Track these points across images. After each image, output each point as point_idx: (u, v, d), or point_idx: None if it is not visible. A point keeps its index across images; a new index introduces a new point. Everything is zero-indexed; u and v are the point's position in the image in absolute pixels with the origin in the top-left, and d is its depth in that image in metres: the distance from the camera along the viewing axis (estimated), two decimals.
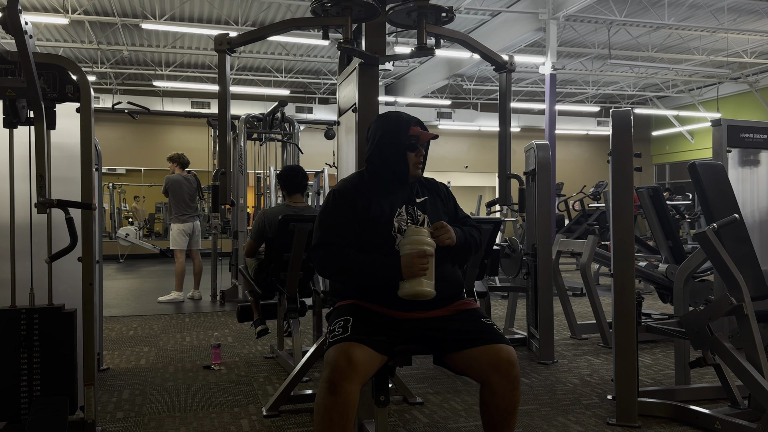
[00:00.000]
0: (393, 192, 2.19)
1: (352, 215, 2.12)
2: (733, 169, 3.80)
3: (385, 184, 2.20)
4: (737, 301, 2.69)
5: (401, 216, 2.14)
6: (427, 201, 2.22)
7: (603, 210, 9.14)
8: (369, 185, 2.21)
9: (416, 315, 2.06)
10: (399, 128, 2.18)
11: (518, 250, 4.42)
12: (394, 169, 2.19)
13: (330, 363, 1.85)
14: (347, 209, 2.13)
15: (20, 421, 2.48)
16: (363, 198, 2.16)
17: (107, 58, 13.55)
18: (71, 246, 2.49)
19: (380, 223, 2.11)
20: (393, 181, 2.20)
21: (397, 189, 2.20)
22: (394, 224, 2.11)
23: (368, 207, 2.14)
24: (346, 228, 2.11)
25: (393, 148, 2.17)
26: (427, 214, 2.17)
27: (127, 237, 12.22)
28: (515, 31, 11.21)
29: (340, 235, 2.10)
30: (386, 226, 2.11)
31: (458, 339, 2.00)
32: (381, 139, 2.19)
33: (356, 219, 2.12)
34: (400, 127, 2.18)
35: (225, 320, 5.67)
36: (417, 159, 2.19)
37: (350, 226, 2.11)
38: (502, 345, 1.95)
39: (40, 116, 2.54)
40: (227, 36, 2.48)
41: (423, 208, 2.19)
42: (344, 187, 2.21)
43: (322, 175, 10.47)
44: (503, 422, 1.95)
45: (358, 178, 2.27)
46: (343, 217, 2.12)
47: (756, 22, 11.67)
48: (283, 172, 4.08)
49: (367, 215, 2.12)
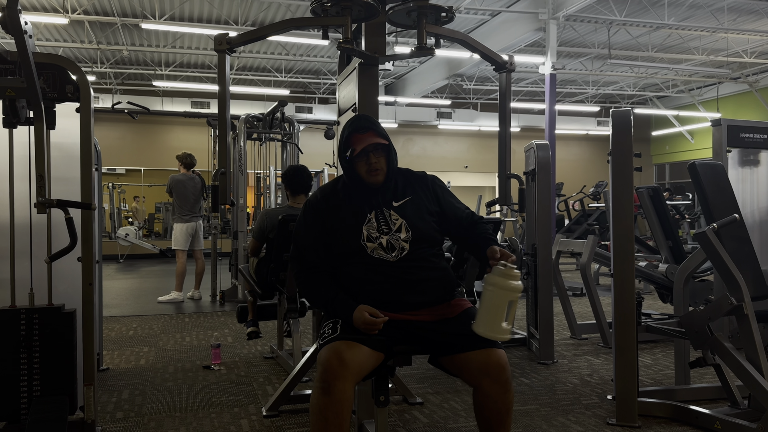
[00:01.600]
0: (363, 198, 2.13)
1: (321, 229, 2.12)
2: (733, 169, 3.80)
3: (354, 191, 2.15)
4: (737, 301, 2.69)
5: (371, 223, 2.09)
6: (408, 202, 2.14)
7: (603, 210, 9.14)
8: (342, 193, 2.17)
9: (407, 316, 2.04)
10: (343, 136, 2.14)
11: (518, 250, 4.42)
12: (351, 178, 2.14)
13: (322, 363, 1.86)
14: (317, 224, 2.14)
15: (20, 421, 2.48)
16: (332, 209, 2.14)
17: (107, 58, 13.55)
18: (71, 246, 2.49)
19: (348, 233, 2.08)
20: (358, 188, 2.15)
21: (367, 194, 2.14)
22: (363, 233, 2.07)
23: (336, 217, 2.12)
24: (316, 245, 2.12)
25: (342, 158, 2.14)
26: (407, 216, 2.11)
27: (127, 237, 12.22)
28: (515, 31, 11.21)
29: (312, 250, 2.12)
30: (354, 236, 2.07)
31: (449, 342, 1.99)
32: (338, 147, 2.19)
33: (325, 232, 2.11)
34: (344, 135, 2.13)
35: (225, 320, 5.67)
36: (368, 166, 2.09)
37: (320, 242, 2.12)
38: (491, 349, 1.94)
39: (39, 116, 2.54)
40: (227, 36, 2.48)
41: (402, 210, 2.12)
42: (315, 199, 2.20)
43: (322, 175, 10.46)
44: (498, 424, 1.94)
45: (331, 187, 2.23)
46: (313, 234, 2.13)
47: (756, 22, 11.67)
48: (288, 172, 4.05)
49: (333, 226, 2.11)
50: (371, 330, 1.94)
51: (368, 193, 2.14)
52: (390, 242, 2.07)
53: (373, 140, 2.08)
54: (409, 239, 2.08)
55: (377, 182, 2.12)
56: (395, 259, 2.06)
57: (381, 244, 2.06)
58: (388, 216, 2.11)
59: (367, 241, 2.06)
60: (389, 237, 2.07)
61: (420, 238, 2.10)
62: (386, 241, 2.07)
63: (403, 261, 2.06)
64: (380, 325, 1.94)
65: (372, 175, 2.10)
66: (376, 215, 2.11)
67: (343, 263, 2.10)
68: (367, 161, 2.09)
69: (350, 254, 2.08)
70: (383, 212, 2.11)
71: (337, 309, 2.02)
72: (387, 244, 2.06)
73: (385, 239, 2.07)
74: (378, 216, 2.10)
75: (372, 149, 2.09)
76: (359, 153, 2.08)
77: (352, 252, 2.07)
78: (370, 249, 2.06)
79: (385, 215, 2.11)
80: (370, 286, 2.05)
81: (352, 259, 2.08)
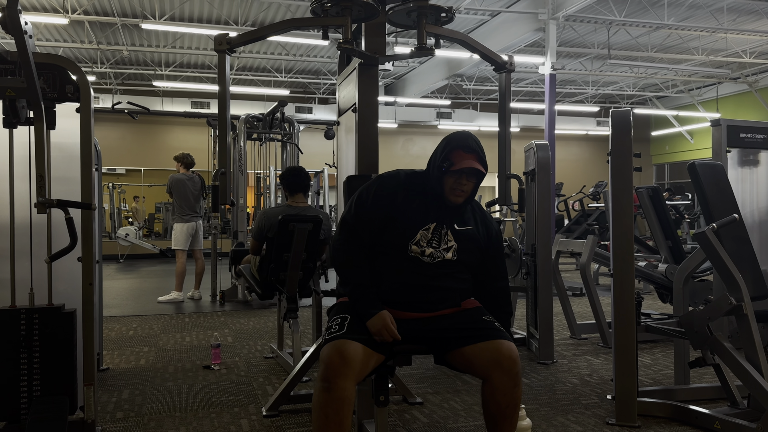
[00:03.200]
0: (435, 206, 2.14)
1: (387, 204, 2.10)
2: (733, 169, 3.80)
3: (431, 196, 2.15)
4: (737, 301, 2.69)
5: (427, 231, 2.10)
6: (468, 231, 2.15)
7: (602, 210, 9.13)
8: (420, 186, 2.17)
9: (418, 315, 2.06)
10: (444, 147, 2.12)
11: (518, 250, 4.42)
12: (433, 187, 2.13)
13: (324, 360, 1.87)
14: (386, 203, 2.11)
15: (20, 421, 2.48)
16: (405, 196, 2.13)
17: (107, 58, 13.55)
18: (71, 246, 2.49)
19: (405, 226, 2.09)
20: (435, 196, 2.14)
21: (439, 205, 2.14)
22: (417, 235, 2.08)
23: (405, 206, 2.11)
24: (374, 221, 2.09)
25: (433, 167, 2.14)
26: (460, 242, 2.12)
27: (127, 237, 12.22)
28: (515, 31, 11.21)
29: (367, 225, 2.09)
30: (409, 232, 2.08)
31: (459, 336, 2.01)
32: (432, 153, 2.17)
33: (387, 213, 2.10)
34: (446, 147, 2.11)
35: (225, 320, 5.67)
36: (455, 185, 2.09)
37: (379, 222, 2.09)
38: (503, 341, 1.96)
39: (39, 116, 2.54)
40: (227, 36, 2.48)
41: (459, 236, 2.13)
42: (396, 175, 2.18)
43: (322, 175, 10.45)
44: (505, 418, 1.96)
45: (413, 176, 2.21)
46: (379, 211, 2.10)
47: (756, 22, 11.68)
48: (285, 172, 4.10)
49: (397, 213, 2.10)
50: (383, 338, 1.95)
51: (440, 205, 2.14)
52: (433, 255, 2.08)
53: (473, 164, 2.07)
54: (451, 261, 2.10)
55: (455, 203, 2.13)
56: (429, 262, 2.07)
57: (424, 252, 2.07)
58: (445, 234, 2.12)
59: (415, 244, 2.07)
60: (435, 251, 2.08)
61: (460, 262, 2.13)
62: (430, 253, 2.08)
63: (436, 267, 2.08)
64: (391, 338, 1.96)
65: (454, 195, 2.11)
66: (436, 228, 2.11)
67: (381, 251, 2.10)
68: (457, 180, 2.09)
69: (393, 246, 2.08)
70: (443, 228, 2.12)
71: (361, 300, 2.02)
72: (429, 255, 2.08)
73: (430, 251, 2.08)
74: (437, 229, 2.11)
75: (468, 172, 2.09)
76: (455, 170, 2.07)
77: (397, 245, 2.08)
78: (413, 251, 2.07)
79: (443, 232, 2.12)
80: (394, 283, 2.06)
81: (391, 250, 2.08)
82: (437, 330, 2.04)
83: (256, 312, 6.06)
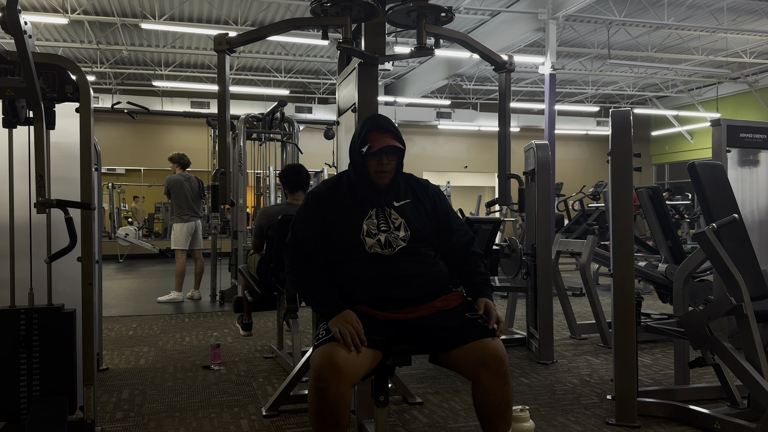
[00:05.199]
0: (366, 195, 2.16)
1: (321, 219, 2.14)
2: (733, 169, 3.80)
3: (358, 187, 2.18)
4: (737, 301, 2.69)
5: (371, 219, 2.12)
6: (408, 204, 2.18)
7: (602, 210, 9.14)
8: (346, 187, 2.20)
9: (404, 315, 2.04)
10: (361, 132, 2.16)
11: (518, 250, 4.42)
12: (358, 174, 2.16)
13: (314, 368, 1.85)
14: (318, 213, 2.15)
15: (19, 421, 2.48)
16: (334, 201, 2.16)
17: (107, 58, 13.55)
18: (71, 246, 2.49)
19: (348, 226, 2.11)
20: (362, 185, 2.17)
21: (370, 192, 2.17)
22: (363, 227, 2.10)
23: (337, 210, 2.14)
24: (314, 236, 2.13)
25: (353, 153, 2.18)
26: (406, 216, 2.14)
27: (127, 237, 12.22)
28: (515, 31, 11.21)
29: (309, 240, 2.13)
30: (354, 229, 2.10)
31: (444, 338, 1.99)
32: (350, 143, 2.21)
33: (325, 223, 2.13)
34: (361, 131, 2.16)
35: (224, 320, 5.67)
36: (378, 167, 2.12)
37: (319, 233, 2.13)
38: (487, 339, 1.93)
39: (39, 116, 2.54)
40: (227, 36, 2.48)
41: (402, 211, 2.16)
42: (318, 190, 2.22)
43: (322, 175, 10.46)
44: (498, 417, 1.94)
45: (336, 180, 2.26)
46: (313, 224, 2.14)
47: (755, 22, 11.68)
48: (285, 170, 4.12)
49: (334, 219, 2.13)
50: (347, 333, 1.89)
51: (371, 192, 2.17)
52: (388, 239, 2.09)
53: (390, 142, 2.11)
54: (407, 238, 2.11)
55: (383, 184, 2.16)
56: (390, 254, 2.08)
57: (379, 240, 2.09)
58: (389, 215, 2.14)
59: (366, 235, 2.09)
60: (388, 234, 2.10)
61: (417, 237, 2.13)
62: (384, 238, 2.09)
63: (398, 256, 2.08)
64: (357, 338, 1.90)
65: (380, 176, 2.14)
66: (377, 213, 2.14)
67: (340, 259, 2.11)
68: (379, 161, 2.12)
69: (348, 249, 2.09)
70: (384, 210, 2.15)
71: (322, 303, 2.02)
72: (385, 241, 2.09)
73: (384, 236, 2.09)
74: (379, 213, 2.14)
75: (387, 151, 2.13)
76: (374, 152, 2.10)
77: (350, 246, 2.09)
78: (368, 244, 2.08)
79: (386, 214, 2.14)
80: (365, 283, 2.06)
81: (348, 254, 2.09)
82: (422, 329, 2.02)
83: (255, 312, 6.05)
